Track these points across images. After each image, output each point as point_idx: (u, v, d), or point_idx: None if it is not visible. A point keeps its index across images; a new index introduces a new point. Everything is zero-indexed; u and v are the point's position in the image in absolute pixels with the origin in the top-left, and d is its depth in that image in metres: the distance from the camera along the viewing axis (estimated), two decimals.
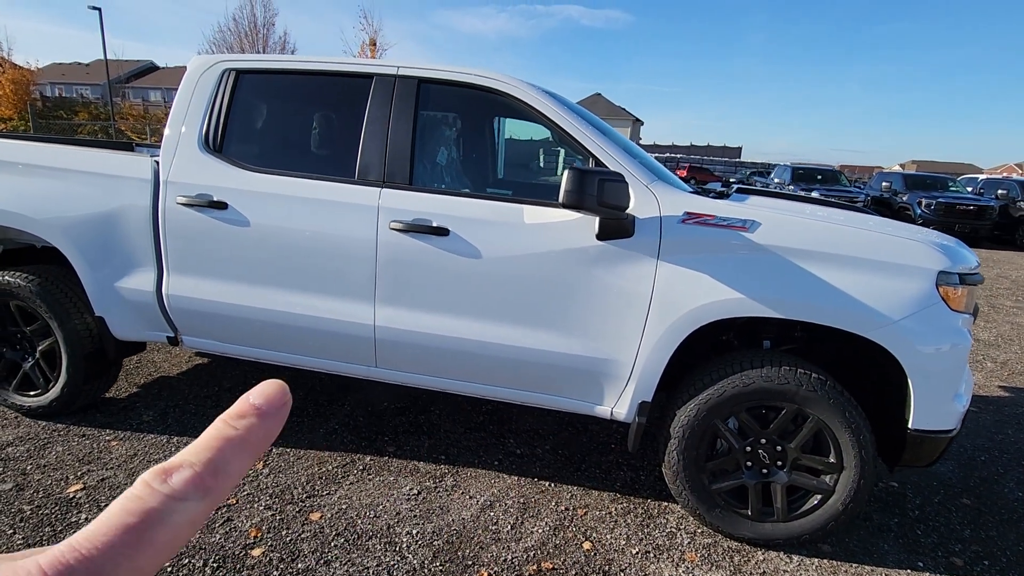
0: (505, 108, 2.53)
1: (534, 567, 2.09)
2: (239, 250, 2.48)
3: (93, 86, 48.34)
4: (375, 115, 2.42)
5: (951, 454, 3.12)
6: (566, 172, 2.02)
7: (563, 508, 2.46)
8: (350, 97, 2.49)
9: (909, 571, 2.21)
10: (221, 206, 2.45)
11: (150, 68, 55.12)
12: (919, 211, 13.08)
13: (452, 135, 3.10)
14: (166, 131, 2.57)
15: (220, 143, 2.54)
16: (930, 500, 2.71)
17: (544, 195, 2.31)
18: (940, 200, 13.15)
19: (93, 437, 2.77)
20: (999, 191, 14.00)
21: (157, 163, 2.55)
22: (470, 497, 2.49)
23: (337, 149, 2.60)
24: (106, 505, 1.72)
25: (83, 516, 2.19)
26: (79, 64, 55.29)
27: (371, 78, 2.46)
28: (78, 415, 2.94)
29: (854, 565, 2.22)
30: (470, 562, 2.10)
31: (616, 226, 2.14)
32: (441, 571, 2.04)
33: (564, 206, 2.06)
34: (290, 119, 2.79)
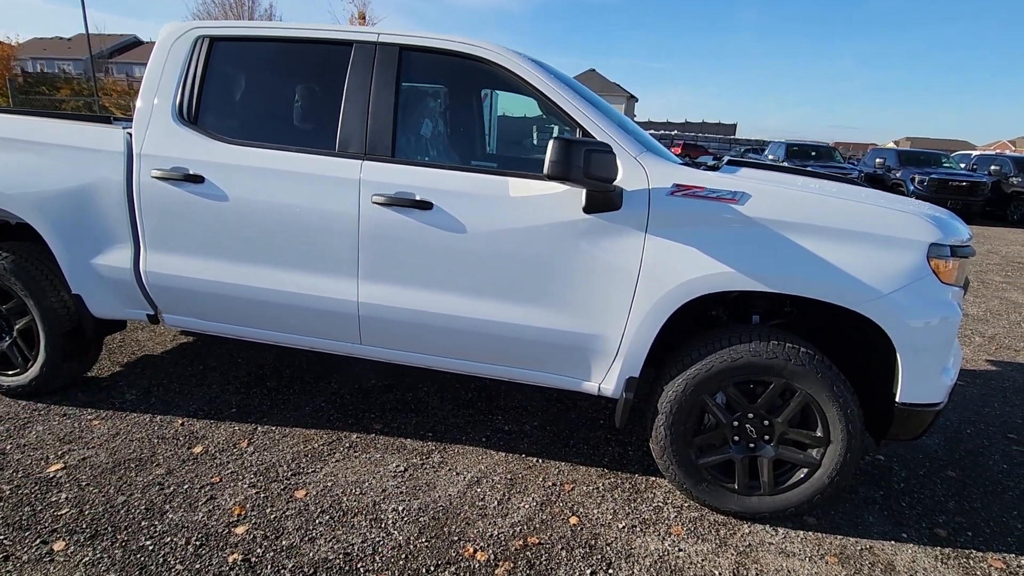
0: (490, 78, 2.46)
1: (520, 542, 2.09)
2: (217, 225, 2.41)
3: (75, 61, 47.11)
4: (355, 84, 2.34)
5: (937, 427, 3.14)
6: (551, 142, 1.95)
7: (550, 484, 2.45)
8: (329, 66, 2.40)
9: (893, 542, 2.23)
10: (197, 180, 2.37)
11: (134, 43, 53.73)
12: (912, 187, 13.05)
13: (436, 106, 3.01)
14: (138, 102, 2.47)
15: (195, 114, 2.45)
16: (915, 473, 2.72)
17: (531, 168, 2.25)
18: (933, 176, 13.11)
19: (74, 416, 2.72)
20: (992, 167, 13.99)
21: (130, 135, 2.46)
22: (457, 473, 2.48)
23: (316, 120, 2.51)
24: (87, 485, 1.69)
25: (63, 496, 2.16)
26: (60, 39, 53.79)
27: (351, 46, 2.37)
28: (59, 394, 2.90)
29: (839, 537, 2.24)
30: (456, 538, 2.09)
31: (603, 199, 2.09)
32: (427, 547, 2.03)
33: (549, 177, 2.00)
34: (267, 89, 2.70)
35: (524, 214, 2.18)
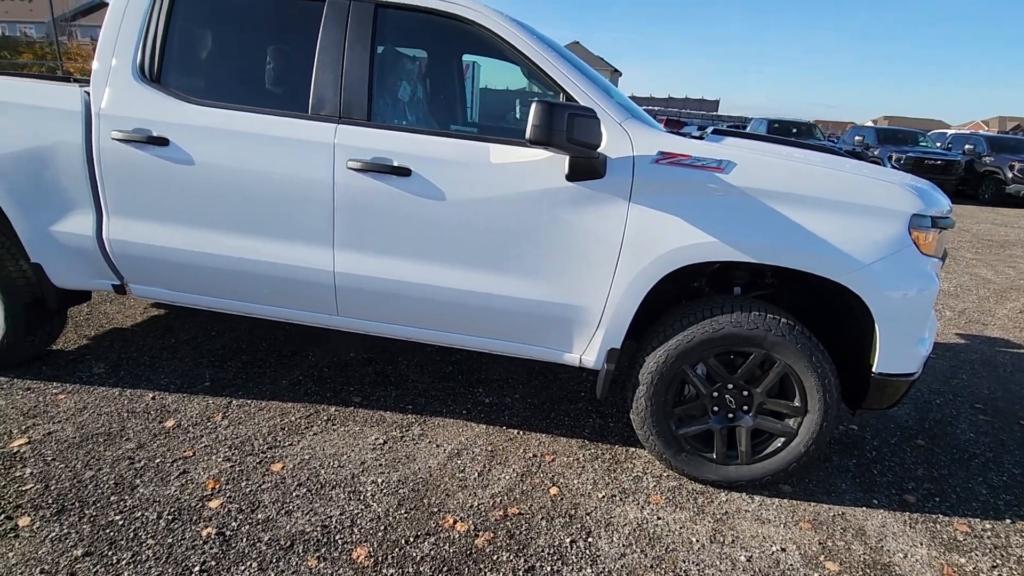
0: (471, 39, 2.36)
1: (500, 512, 2.08)
2: (185, 191, 2.30)
3: (37, 24, 44.78)
4: (328, 42, 2.23)
5: (908, 398, 3.21)
6: (533, 105, 1.89)
7: (531, 455, 2.45)
8: (301, 22, 2.28)
9: (864, 508, 2.28)
10: (162, 142, 2.25)
11: (98, 5, 50.89)
12: (889, 165, 13.20)
13: (414, 68, 2.90)
14: (94, 62, 2.32)
15: (158, 72, 2.31)
16: (887, 441, 2.78)
17: (512, 136, 2.18)
18: (909, 154, 13.32)
19: (39, 391, 2.63)
20: (967, 146, 14.20)
21: (88, 94, 2.32)
22: (437, 446, 2.46)
23: (288, 80, 2.40)
24: (53, 460, 1.62)
25: (28, 471, 2.09)
26: (21, 0, 50.97)
27: (323, 0, 2.24)
28: (22, 368, 2.79)
29: (812, 503, 2.28)
30: (436, 509, 2.08)
31: (587, 166, 2.04)
32: (406, 518, 2.02)
33: (532, 142, 1.94)
34: (235, 46, 2.56)
35: (505, 182, 2.12)
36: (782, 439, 2.23)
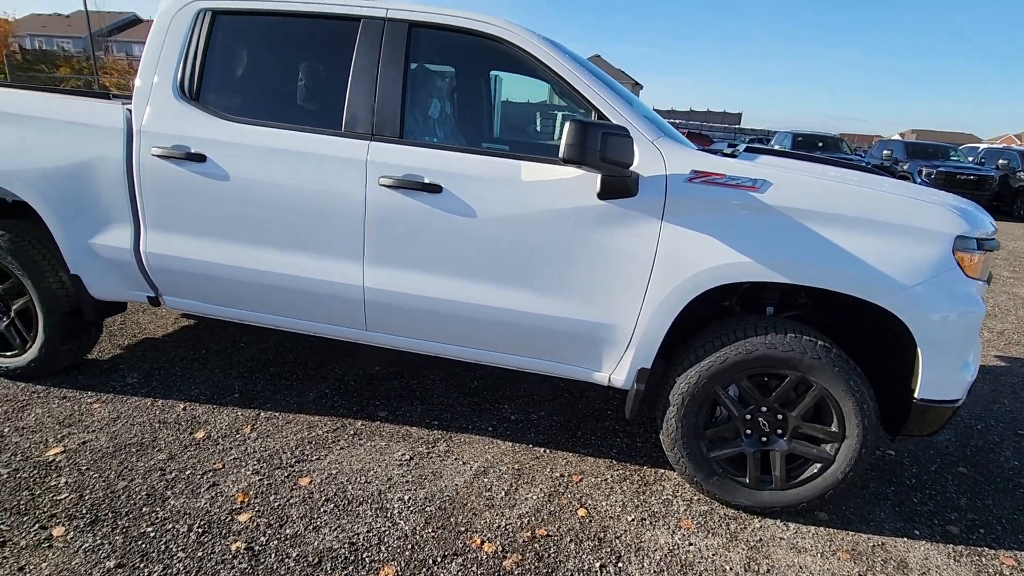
0: (503, 57, 2.37)
1: (528, 534, 2.05)
2: (220, 206, 2.34)
3: (75, 39, 46.62)
4: (363, 62, 2.26)
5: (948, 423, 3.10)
6: (567, 124, 1.88)
7: (558, 475, 2.42)
8: (336, 42, 2.32)
9: (905, 539, 2.20)
10: (199, 159, 2.30)
11: (133, 21, 53.05)
12: (919, 180, 12.93)
13: (446, 86, 2.93)
14: (137, 78, 2.39)
15: (197, 91, 2.37)
16: (927, 469, 2.69)
17: (542, 153, 2.18)
18: (941, 169, 13.00)
19: (74, 399, 2.68)
20: (1000, 161, 13.84)
21: (130, 111, 2.38)
22: (463, 463, 2.44)
23: (322, 98, 2.44)
24: (87, 469, 1.64)
25: (63, 480, 2.12)
26: (59, 15, 53.13)
27: (358, 21, 2.28)
28: (59, 377, 2.85)
29: (850, 533, 2.20)
30: (463, 528, 2.05)
31: (619, 184, 2.02)
32: (433, 537, 2.00)
33: (565, 161, 1.93)
34: (272, 65, 2.61)
35: (537, 199, 2.12)
36: (818, 465, 2.16)
